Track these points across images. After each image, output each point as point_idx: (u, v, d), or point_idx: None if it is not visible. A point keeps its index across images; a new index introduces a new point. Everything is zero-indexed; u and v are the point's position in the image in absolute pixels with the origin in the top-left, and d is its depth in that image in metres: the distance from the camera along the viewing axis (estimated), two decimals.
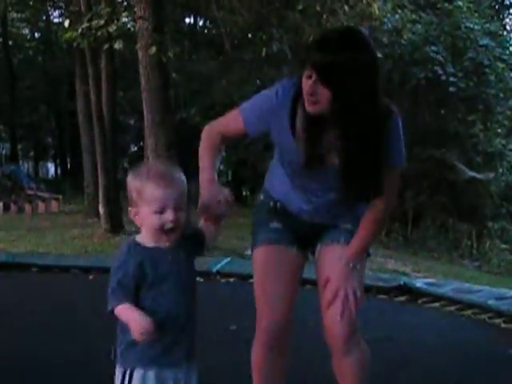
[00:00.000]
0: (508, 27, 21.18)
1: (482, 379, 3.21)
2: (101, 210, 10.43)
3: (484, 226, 15.25)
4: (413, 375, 3.21)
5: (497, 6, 21.04)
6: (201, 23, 20.11)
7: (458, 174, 14.63)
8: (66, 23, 10.35)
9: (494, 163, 15.52)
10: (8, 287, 5.11)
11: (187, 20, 19.55)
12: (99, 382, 2.96)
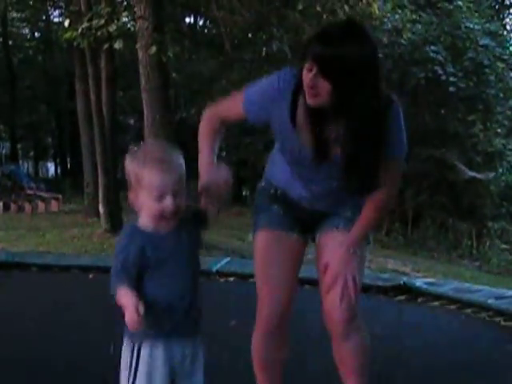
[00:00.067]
0: (508, 27, 21.20)
1: (482, 376, 3.21)
2: (101, 209, 10.43)
3: (484, 225, 15.26)
4: (413, 372, 3.21)
5: (497, 6, 21.05)
6: (201, 23, 20.11)
7: (458, 174, 14.64)
8: (66, 23, 10.34)
9: (493, 163, 15.53)
10: (8, 286, 5.11)
11: (187, 20, 19.53)
12: (99, 381, 2.96)
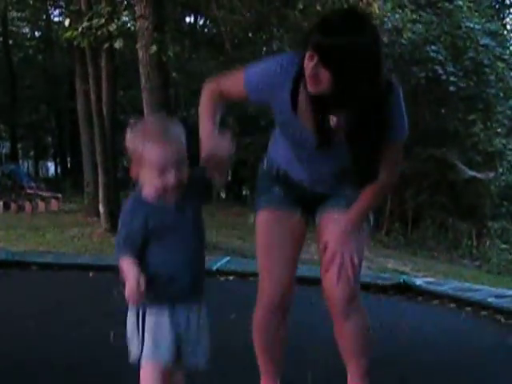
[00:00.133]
0: (508, 27, 21.18)
1: (482, 373, 3.21)
2: (101, 209, 10.43)
3: (484, 225, 15.26)
4: (413, 371, 3.21)
5: (497, 6, 21.03)
6: (201, 22, 20.10)
7: (458, 174, 14.64)
8: (67, 22, 10.34)
9: (494, 163, 15.52)
10: (8, 285, 5.11)
11: (187, 19, 19.53)
12: (99, 380, 2.97)
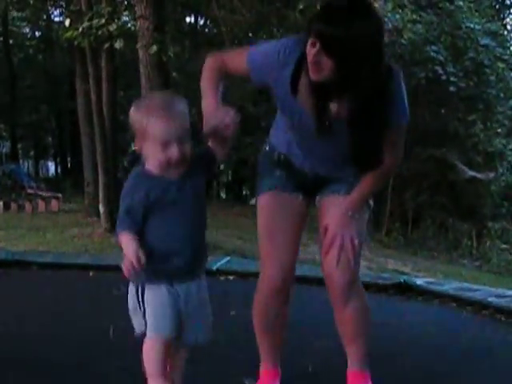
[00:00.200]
0: (509, 27, 21.19)
1: (483, 372, 3.21)
2: (101, 209, 10.43)
3: (484, 225, 15.26)
4: (414, 370, 3.21)
5: (497, 6, 21.04)
6: (201, 22, 20.13)
7: (458, 174, 14.64)
8: (67, 22, 10.35)
9: (494, 163, 15.54)
10: (8, 285, 5.11)
11: (188, 19, 19.56)
12: (99, 379, 2.96)
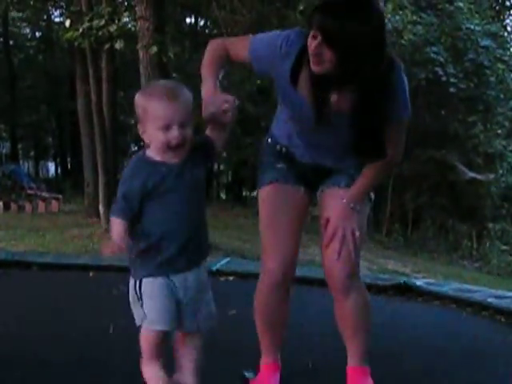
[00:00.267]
0: (509, 28, 21.17)
1: (482, 373, 3.21)
2: (101, 209, 10.44)
3: (484, 227, 15.26)
4: (414, 371, 3.21)
5: (497, 7, 21.04)
6: (201, 23, 20.13)
7: (458, 175, 14.65)
8: (67, 23, 10.34)
9: (494, 164, 15.54)
10: (8, 285, 5.11)
11: (188, 20, 19.57)
12: (99, 380, 2.96)
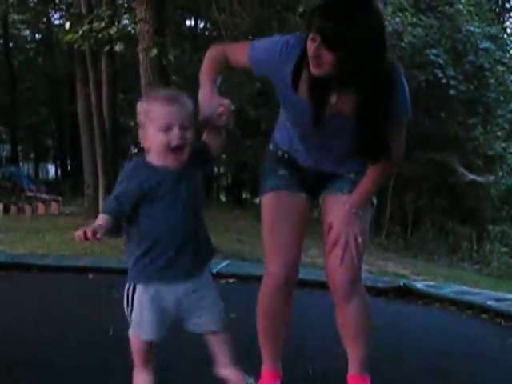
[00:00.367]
0: (508, 30, 21.22)
1: (482, 376, 3.21)
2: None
3: (484, 229, 15.26)
4: (414, 374, 3.21)
5: (497, 10, 21.07)
6: (201, 26, 20.15)
7: (458, 177, 14.65)
8: (67, 25, 10.34)
9: (494, 166, 15.55)
10: (8, 287, 5.11)
11: (188, 22, 19.58)
12: (99, 381, 2.96)
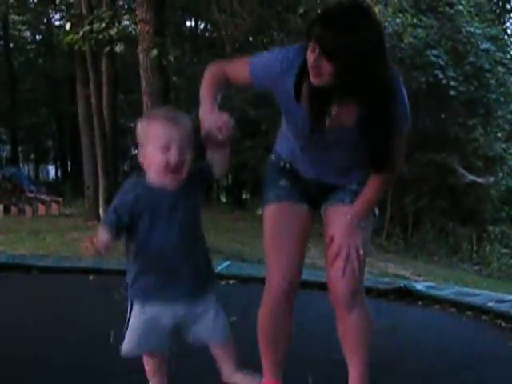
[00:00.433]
0: (509, 31, 21.19)
1: (483, 378, 3.21)
2: (101, 212, 10.44)
3: (484, 229, 15.26)
4: (414, 375, 3.21)
5: (498, 11, 21.04)
6: (202, 26, 20.16)
7: (459, 178, 14.64)
8: (68, 26, 10.35)
9: (494, 167, 15.54)
10: (8, 288, 5.11)
11: (188, 23, 19.59)
12: (99, 382, 2.96)
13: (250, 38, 12.96)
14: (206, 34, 19.88)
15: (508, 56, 16.40)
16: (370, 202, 2.45)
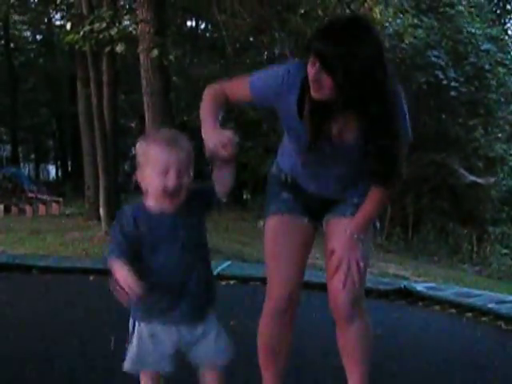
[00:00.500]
0: (509, 32, 21.20)
1: (483, 379, 3.21)
2: (101, 212, 10.42)
3: (484, 230, 15.26)
4: (414, 376, 3.21)
5: (498, 11, 21.07)
6: (202, 26, 20.15)
7: (459, 179, 14.64)
8: (68, 26, 10.33)
9: (494, 168, 15.54)
10: (8, 288, 5.11)
11: (189, 23, 19.57)
12: (99, 380, 2.96)
13: (251, 38, 12.95)
14: (207, 34, 19.89)
15: (509, 56, 16.40)
16: (371, 215, 2.45)
